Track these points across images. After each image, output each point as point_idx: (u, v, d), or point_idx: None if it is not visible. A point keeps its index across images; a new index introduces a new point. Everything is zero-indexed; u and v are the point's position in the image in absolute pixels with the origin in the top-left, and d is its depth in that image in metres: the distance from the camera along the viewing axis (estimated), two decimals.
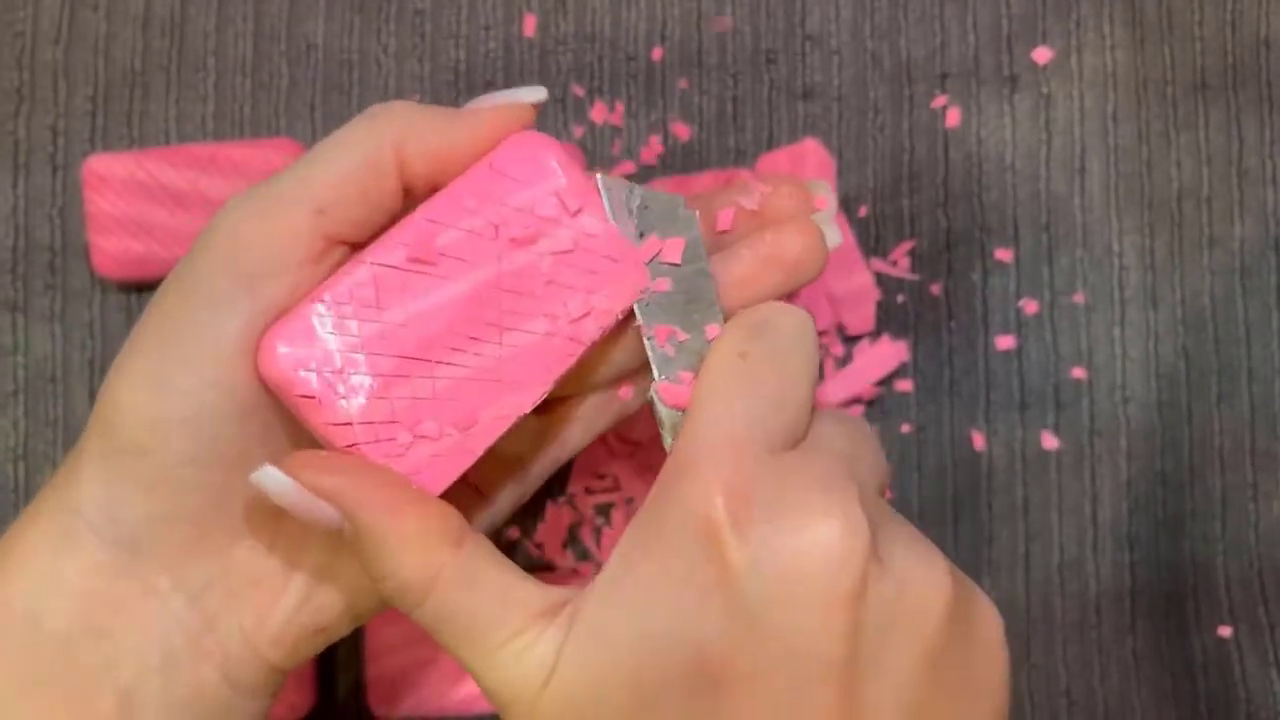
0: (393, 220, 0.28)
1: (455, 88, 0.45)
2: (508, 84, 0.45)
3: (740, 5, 0.45)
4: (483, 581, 0.26)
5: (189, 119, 0.44)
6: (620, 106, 0.45)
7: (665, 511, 0.24)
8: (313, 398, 0.26)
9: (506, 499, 0.32)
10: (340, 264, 0.28)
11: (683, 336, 0.28)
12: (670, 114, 0.45)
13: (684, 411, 0.27)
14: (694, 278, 0.29)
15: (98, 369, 0.44)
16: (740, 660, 0.23)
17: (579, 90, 0.45)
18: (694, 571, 0.24)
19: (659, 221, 0.29)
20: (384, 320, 0.26)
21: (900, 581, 0.24)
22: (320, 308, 0.26)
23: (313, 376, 0.26)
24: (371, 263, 0.26)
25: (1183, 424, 0.44)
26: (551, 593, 0.26)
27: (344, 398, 0.26)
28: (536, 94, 0.28)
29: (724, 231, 0.30)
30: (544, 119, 0.45)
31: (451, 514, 0.26)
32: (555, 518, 0.43)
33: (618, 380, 0.31)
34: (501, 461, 0.31)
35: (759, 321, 0.27)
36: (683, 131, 0.45)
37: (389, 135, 0.27)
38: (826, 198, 0.30)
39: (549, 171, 0.28)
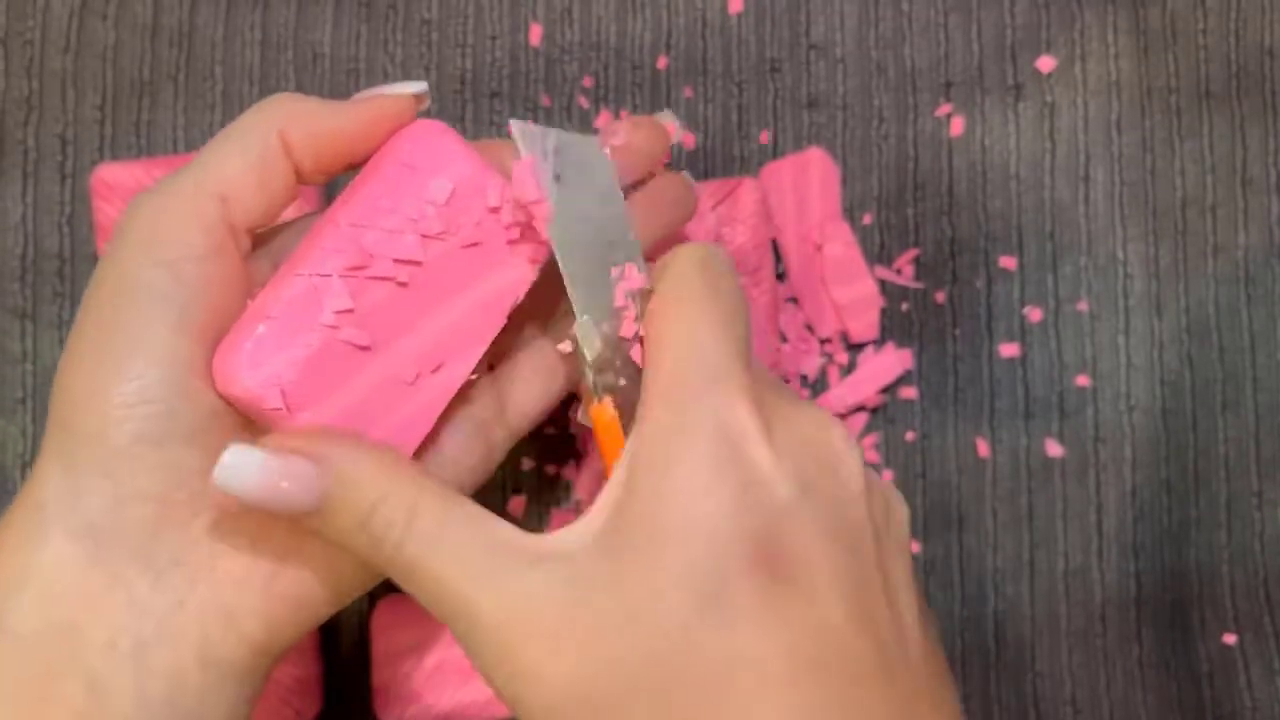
0: (290, 203, 0.30)
1: (462, 97, 0.45)
2: (513, 93, 0.45)
3: (746, 14, 0.45)
4: (464, 505, 0.27)
5: (197, 127, 0.45)
6: (626, 115, 0.45)
7: (686, 423, 0.26)
8: (279, 409, 0.27)
9: (473, 469, 0.32)
10: (249, 252, 0.30)
11: (610, 274, 0.29)
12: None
13: (621, 346, 0.29)
14: (611, 219, 0.30)
15: None
16: (792, 544, 0.25)
17: (584, 99, 0.45)
18: (729, 473, 0.25)
19: (575, 164, 0.30)
20: (328, 326, 0.28)
21: (879, 493, 0.28)
22: (266, 326, 0.28)
23: (273, 392, 0.27)
24: (309, 274, 0.28)
25: (1187, 432, 0.44)
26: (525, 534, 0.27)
27: (305, 406, 0.28)
28: (417, 86, 0.30)
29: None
30: (550, 126, 0.45)
31: (415, 460, 0.28)
32: (561, 523, 0.43)
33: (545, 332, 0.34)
34: (464, 431, 0.32)
35: (706, 254, 0.29)
36: (688, 140, 0.45)
37: (273, 123, 0.29)
38: (671, 123, 0.33)
39: (451, 159, 0.29)
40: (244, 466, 0.26)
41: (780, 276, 0.45)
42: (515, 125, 0.29)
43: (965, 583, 0.44)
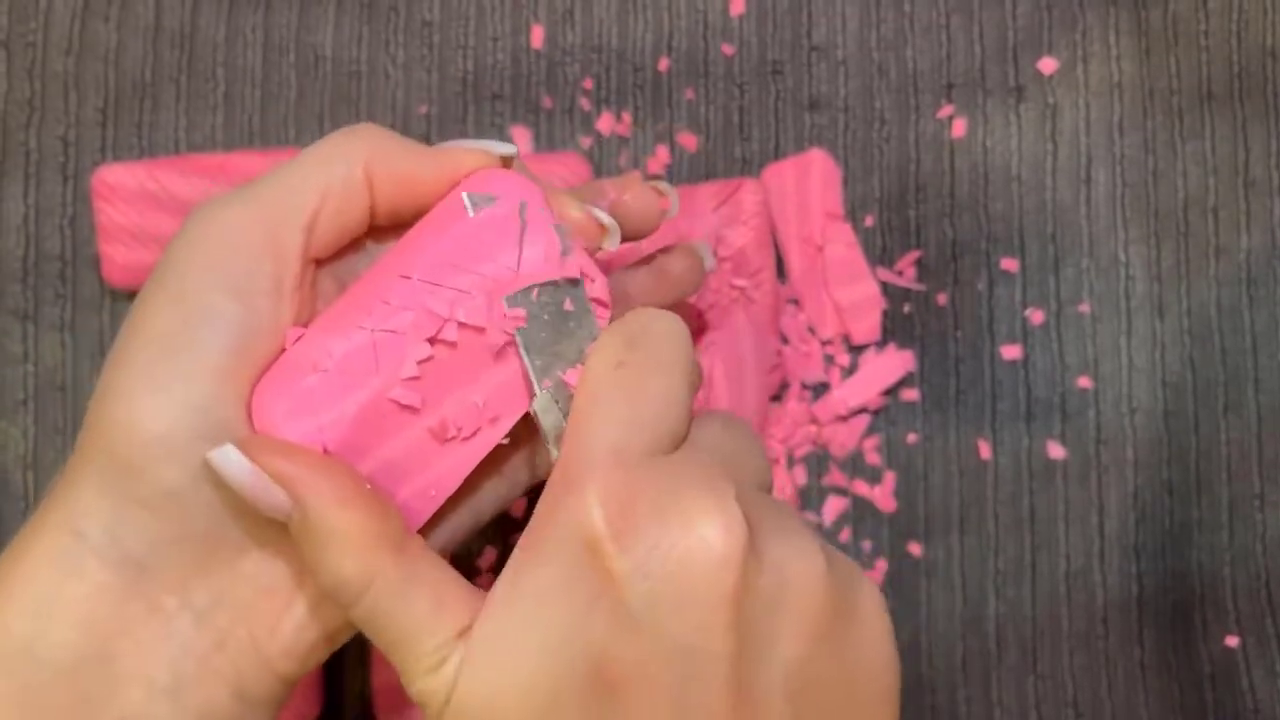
0: (354, 241, 0.29)
1: (463, 99, 0.45)
2: (515, 94, 0.45)
3: (747, 16, 0.45)
4: (417, 591, 0.26)
5: (198, 129, 0.45)
6: (627, 117, 0.45)
7: (550, 526, 0.25)
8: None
9: (460, 523, 0.32)
10: (315, 281, 0.28)
11: (560, 348, 0.28)
12: (677, 124, 0.45)
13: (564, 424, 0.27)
14: (566, 289, 0.28)
15: None
16: (632, 664, 0.24)
17: (586, 101, 0.45)
18: (579, 582, 0.24)
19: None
20: (382, 383, 0.27)
21: (779, 573, 0.25)
22: (317, 378, 0.26)
23: (314, 445, 0.26)
24: (371, 329, 0.27)
25: (1189, 434, 0.44)
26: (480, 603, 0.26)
27: (344, 460, 0.27)
28: (508, 149, 0.29)
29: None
30: (552, 129, 0.45)
31: (396, 518, 0.27)
32: None
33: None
34: (490, 486, 0.31)
35: (634, 329, 0.27)
36: (689, 142, 0.45)
37: (361, 152, 0.28)
38: (669, 197, 0.31)
39: (538, 229, 0.27)
40: (233, 467, 0.25)
41: (781, 278, 0.45)
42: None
43: (966, 585, 0.44)
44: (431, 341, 0.27)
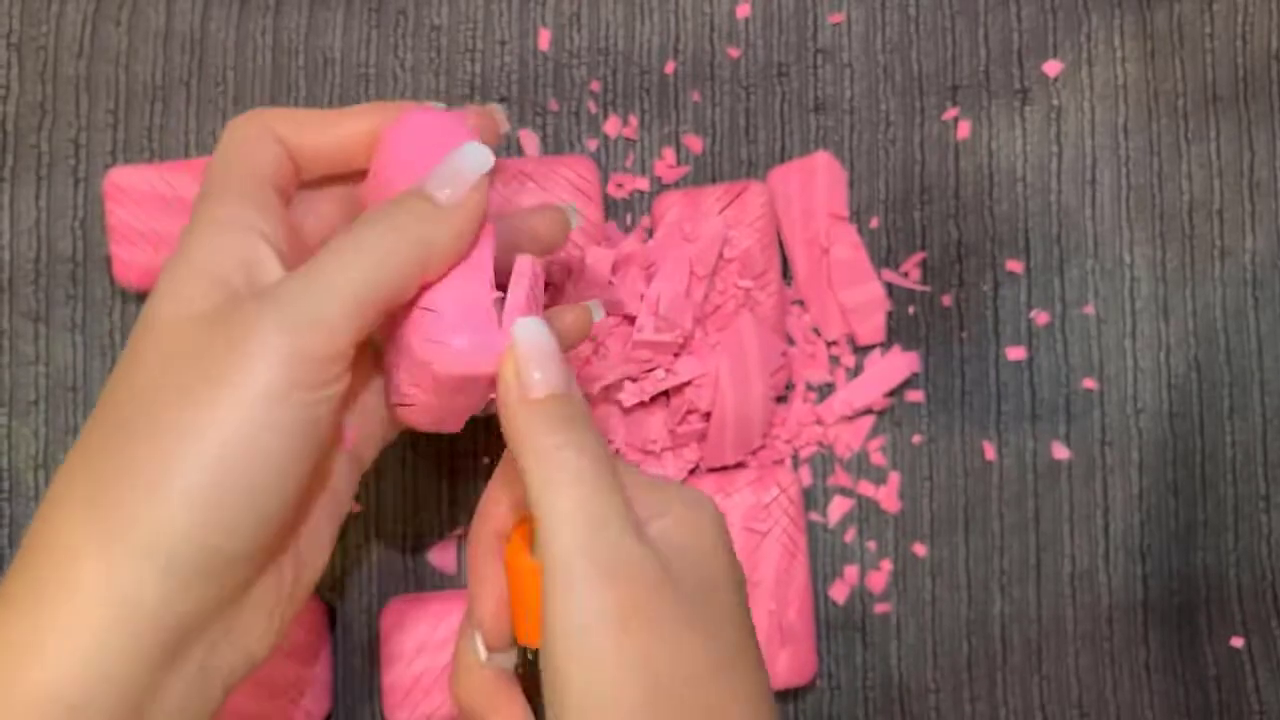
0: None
1: (470, 101, 0.45)
2: (522, 97, 0.45)
3: (753, 19, 0.46)
4: (589, 455, 0.29)
5: (208, 131, 0.45)
6: (634, 119, 0.45)
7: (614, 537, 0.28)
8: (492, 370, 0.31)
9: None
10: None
11: None
12: (683, 127, 0.45)
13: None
14: None
15: None
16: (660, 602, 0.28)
17: (593, 104, 0.45)
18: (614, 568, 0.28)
19: None
20: (524, 296, 0.31)
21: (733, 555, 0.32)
22: (440, 316, 0.30)
23: (488, 357, 0.31)
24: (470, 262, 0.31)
25: (1194, 435, 0.44)
26: None
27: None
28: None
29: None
30: (559, 132, 0.45)
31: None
32: None
33: None
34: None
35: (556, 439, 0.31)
36: (696, 144, 0.45)
37: (268, 131, 0.31)
38: (498, 115, 0.35)
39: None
40: (543, 336, 0.29)
41: (787, 279, 0.45)
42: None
43: (972, 585, 0.44)
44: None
